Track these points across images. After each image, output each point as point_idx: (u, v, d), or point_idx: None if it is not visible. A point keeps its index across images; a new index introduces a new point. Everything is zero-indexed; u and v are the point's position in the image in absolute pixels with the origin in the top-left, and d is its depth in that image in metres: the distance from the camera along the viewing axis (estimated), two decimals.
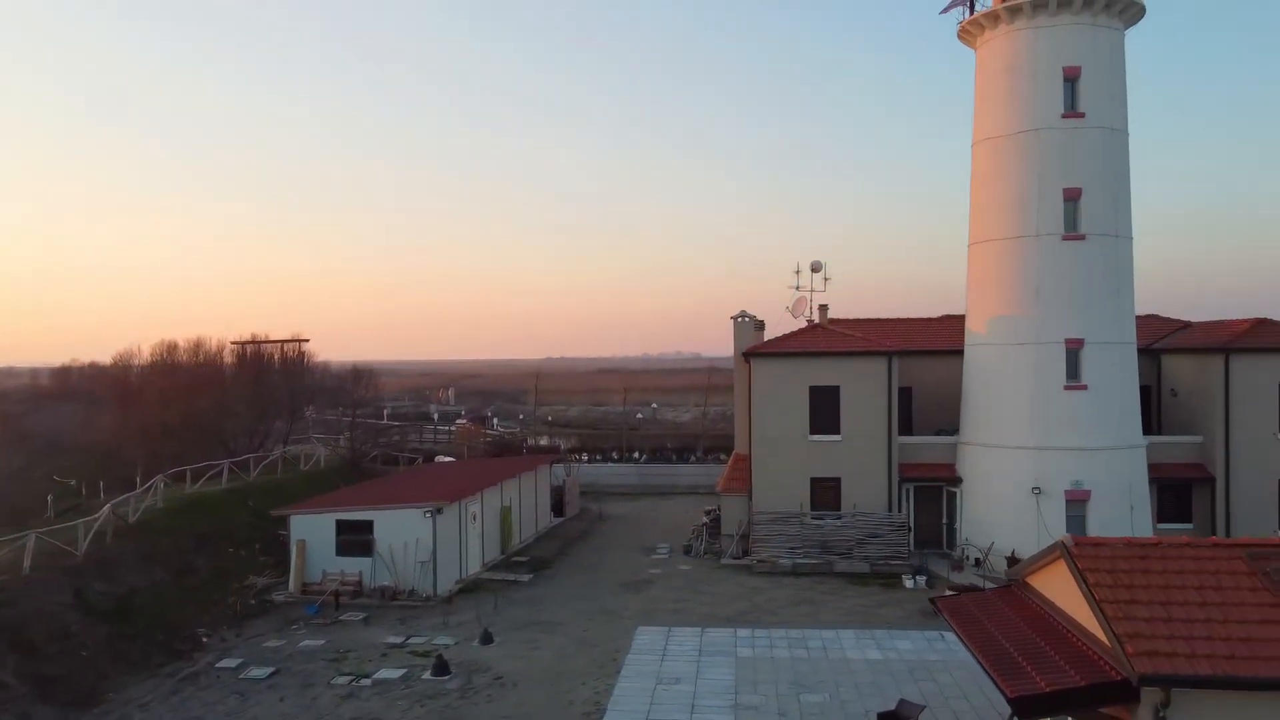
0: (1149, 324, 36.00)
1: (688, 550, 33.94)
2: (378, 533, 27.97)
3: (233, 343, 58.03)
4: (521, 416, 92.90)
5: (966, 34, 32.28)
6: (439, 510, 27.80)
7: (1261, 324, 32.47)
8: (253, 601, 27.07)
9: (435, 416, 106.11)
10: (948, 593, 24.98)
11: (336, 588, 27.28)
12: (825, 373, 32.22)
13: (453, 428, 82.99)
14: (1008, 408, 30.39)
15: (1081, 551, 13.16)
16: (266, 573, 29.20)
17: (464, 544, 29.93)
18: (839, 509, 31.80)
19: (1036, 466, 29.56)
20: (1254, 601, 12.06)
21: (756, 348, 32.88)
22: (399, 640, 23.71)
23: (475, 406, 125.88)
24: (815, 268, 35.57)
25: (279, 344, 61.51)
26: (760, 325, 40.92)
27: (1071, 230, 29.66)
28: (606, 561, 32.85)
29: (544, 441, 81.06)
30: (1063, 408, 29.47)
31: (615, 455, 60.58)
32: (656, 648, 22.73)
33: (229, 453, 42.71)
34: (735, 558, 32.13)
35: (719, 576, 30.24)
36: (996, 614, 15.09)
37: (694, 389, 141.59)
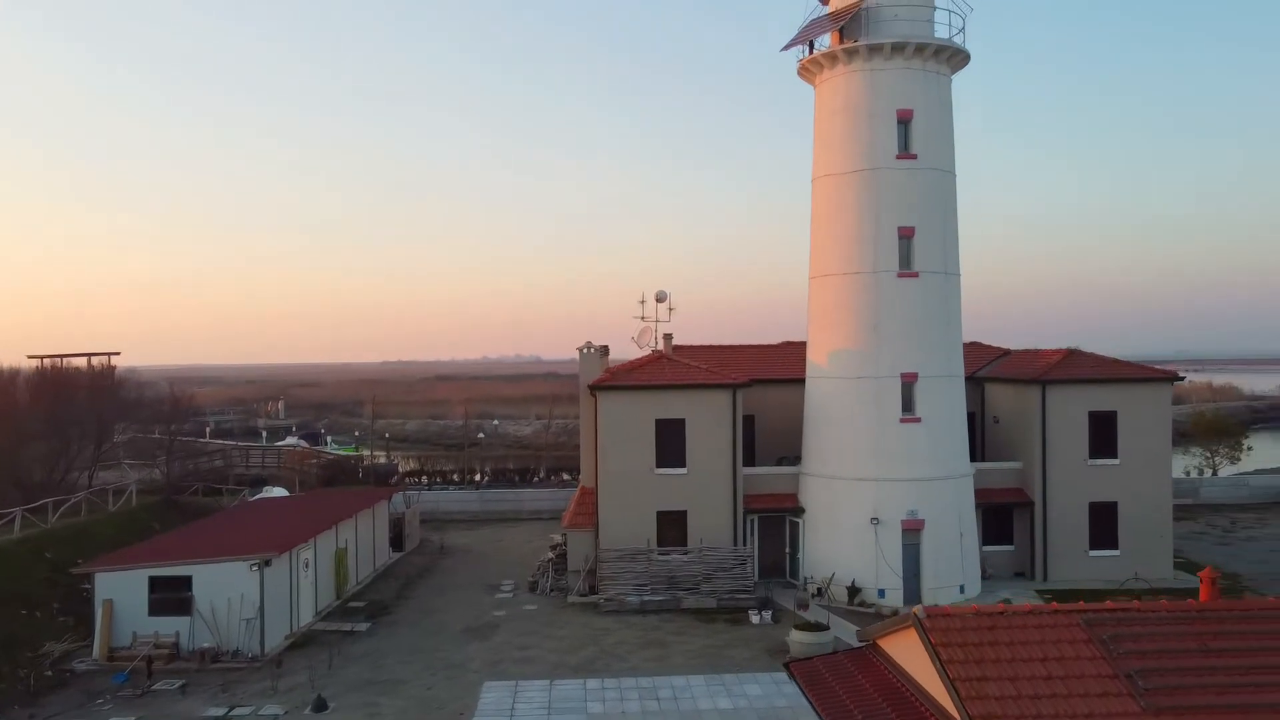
0: (972, 351, 37.71)
1: (533, 587, 33.10)
2: (197, 589, 25.75)
3: (30, 356, 52.97)
4: (358, 434, 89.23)
5: (806, 71, 32.95)
6: (267, 562, 25.88)
7: (1072, 354, 34.63)
8: (49, 673, 24.36)
9: (264, 434, 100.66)
10: (793, 635, 25.30)
11: (149, 652, 24.90)
12: (671, 405, 32.11)
13: (283, 444, 78.79)
14: (847, 440, 31.14)
15: (934, 624, 13.25)
16: (67, 637, 26.37)
17: (295, 595, 28.02)
18: (685, 542, 31.73)
19: (875, 497, 30.40)
20: (1094, 673, 12.40)
21: (602, 380, 32.42)
22: (220, 713, 21.81)
23: (308, 420, 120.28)
24: (660, 298, 35.49)
25: (85, 357, 56.65)
26: (605, 352, 40.58)
27: (906, 268, 30.70)
28: (449, 603, 31.58)
29: (382, 459, 78.25)
30: (899, 440, 30.44)
31: (456, 478, 58.98)
32: (504, 707, 21.83)
33: (23, 491, 38.68)
34: (582, 594, 31.54)
35: (566, 617, 29.57)
36: (849, 680, 15.10)
37: (536, 399, 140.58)
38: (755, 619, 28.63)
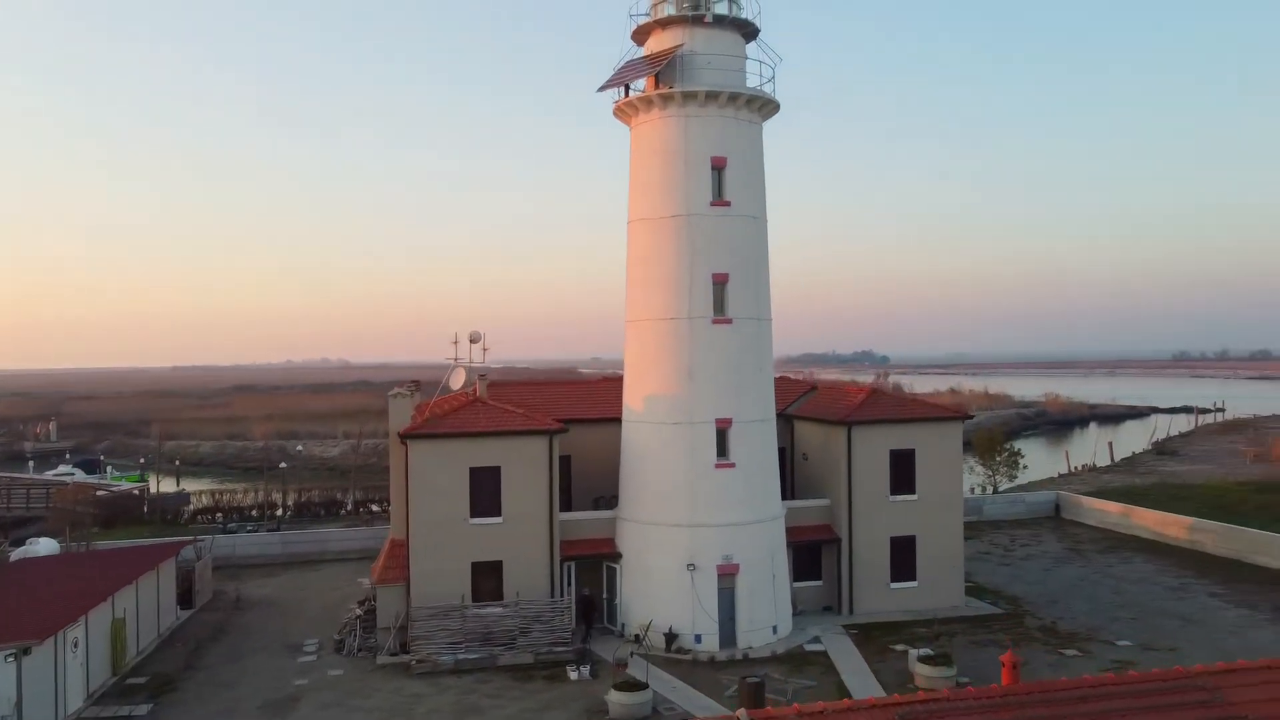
0: (781, 386, 38.75)
1: (340, 647, 31.23)
2: None
3: None
4: (143, 460, 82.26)
5: (622, 112, 32.81)
6: (26, 651, 22.99)
7: (873, 394, 36.27)
8: None
9: (31, 462, 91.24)
10: (612, 695, 24.90)
11: None
12: (486, 453, 31.12)
13: (54, 475, 71.51)
14: (663, 485, 31.16)
15: None
16: None
17: (61, 681, 25.07)
18: (502, 594, 30.81)
19: (690, 543, 30.56)
20: None
21: (413, 429, 31.00)
22: None
23: (85, 443, 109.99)
24: (474, 338, 34.35)
25: None
26: (416, 388, 39.03)
27: (720, 314, 31.07)
28: (245, 671, 29.25)
29: (170, 488, 72.48)
30: (714, 485, 30.74)
31: (255, 513, 55.23)
32: None
33: None
34: (393, 653, 30.01)
35: (375, 682, 27.99)
36: None
37: (344, 414, 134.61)
38: (574, 675, 28.08)
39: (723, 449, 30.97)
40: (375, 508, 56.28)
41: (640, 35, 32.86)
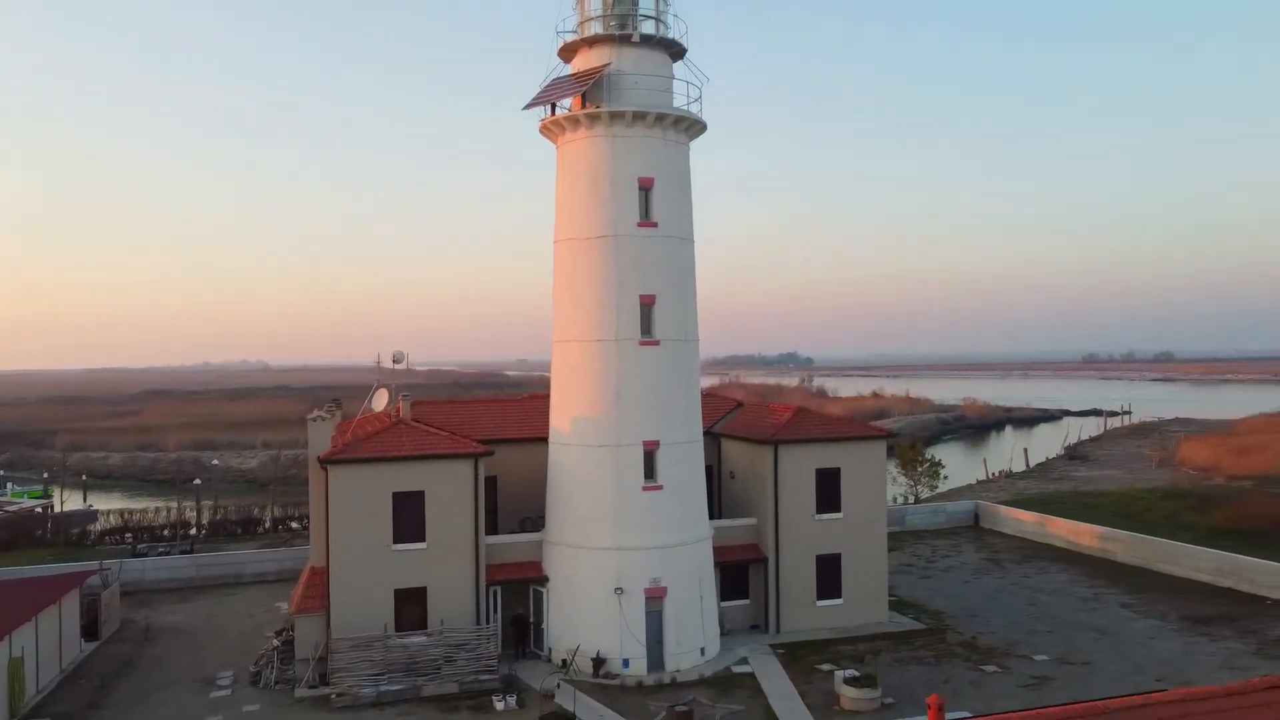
0: (708, 403, 38.78)
1: (256, 679, 30.17)
2: None
3: None
4: (46, 475, 78.65)
5: (548, 130, 32.45)
6: None
7: (799, 413, 36.49)
8: None
9: None
10: None
11: None
12: (409, 477, 30.43)
13: None
14: (590, 509, 30.87)
15: None
16: None
17: None
18: (426, 621, 30.15)
19: (618, 566, 30.33)
20: None
21: (334, 454, 30.13)
22: None
23: None
24: (397, 359, 33.62)
25: None
26: (336, 408, 38.12)
27: (647, 335, 30.91)
28: (153, 709, 28.01)
29: (77, 505, 69.47)
30: (641, 508, 30.56)
31: (167, 533, 53.21)
32: None
33: None
34: (312, 686, 29.09)
35: (294, 717, 27.09)
36: None
37: (263, 423, 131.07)
38: (500, 705, 27.59)
39: (650, 471, 30.81)
40: (295, 524, 54.75)
41: (567, 53, 32.55)
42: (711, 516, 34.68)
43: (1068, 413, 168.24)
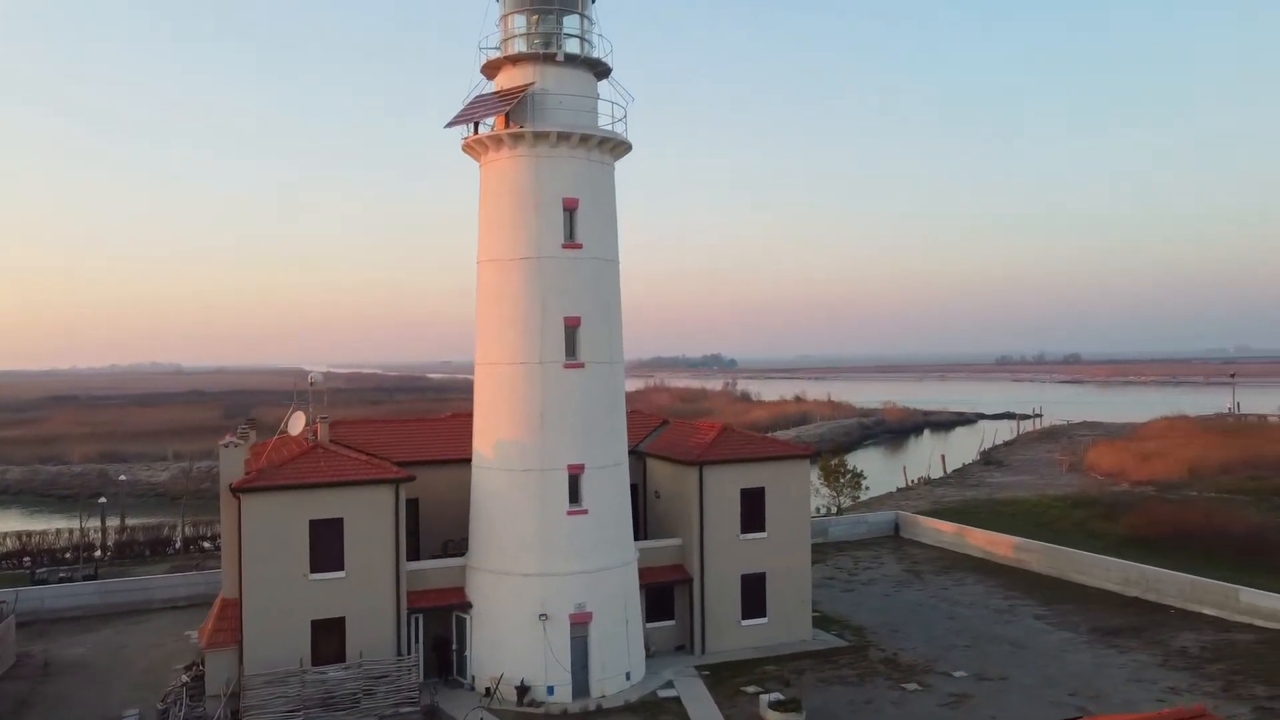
0: (632, 420, 38.62)
1: (164, 717, 28.92)
2: None
3: None
4: None
5: (471, 149, 31.92)
6: None
7: (724, 432, 36.56)
8: None
9: None
10: None
11: None
12: (327, 504, 29.55)
13: None
14: (514, 534, 30.42)
15: None
16: None
17: None
18: (344, 653, 29.30)
19: (543, 592, 29.95)
20: None
21: (247, 481, 29.09)
22: None
23: None
24: (314, 381, 32.67)
25: None
26: (250, 429, 37.03)
27: (572, 358, 30.61)
28: None
29: None
30: (566, 533, 30.24)
31: (69, 556, 50.87)
32: None
33: None
34: None
35: None
36: None
37: (174, 431, 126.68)
38: None
39: (575, 495, 30.51)
40: (208, 544, 52.90)
41: (490, 69, 32.06)
42: (637, 536, 34.59)
43: (983, 416, 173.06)
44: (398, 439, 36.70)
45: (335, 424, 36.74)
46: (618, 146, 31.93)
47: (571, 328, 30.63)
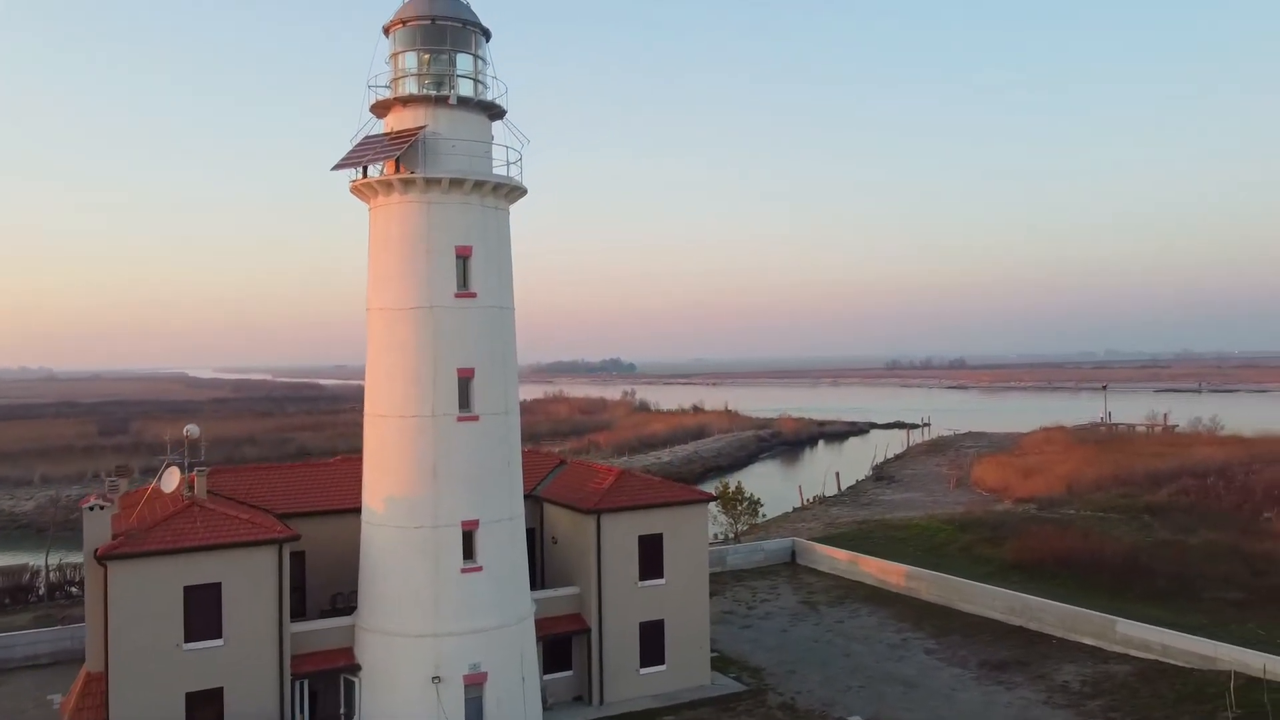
0: (529, 460, 37.74)
1: None
2: None
3: None
4: None
5: (359, 191, 30.73)
6: None
7: (622, 477, 36.18)
8: None
9: None
10: None
11: None
12: (204, 568, 27.96)
13: None
14: (406, 593, 29.36)
15: None
16: None
17: None
18: None
19: (435, 654, 28.96)
20: None
21: (115, 548, 27.24)
22: None
23: None
24: (190, 434, 30.90)
25: None
26: (123, 479, 34.95)
27: (466, 410, 29.73)
28: None
29: None
30: (460, 591, 29.33)
31: None
32: None
33: None
34: None
35: None
36: None
37: (43, 453, 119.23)
38: None
39: (469, 551, 29.64)
40: (75, 589, 49.70)
41: (380, 109, 30.97)
42: (534, 584, 33.92)
43: (874, 425, 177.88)
44: (282, 488, 35.08)
45: (215, 472, 34.85)
46: (512, 191, 31.22)
47: (465, 379, 29.76)
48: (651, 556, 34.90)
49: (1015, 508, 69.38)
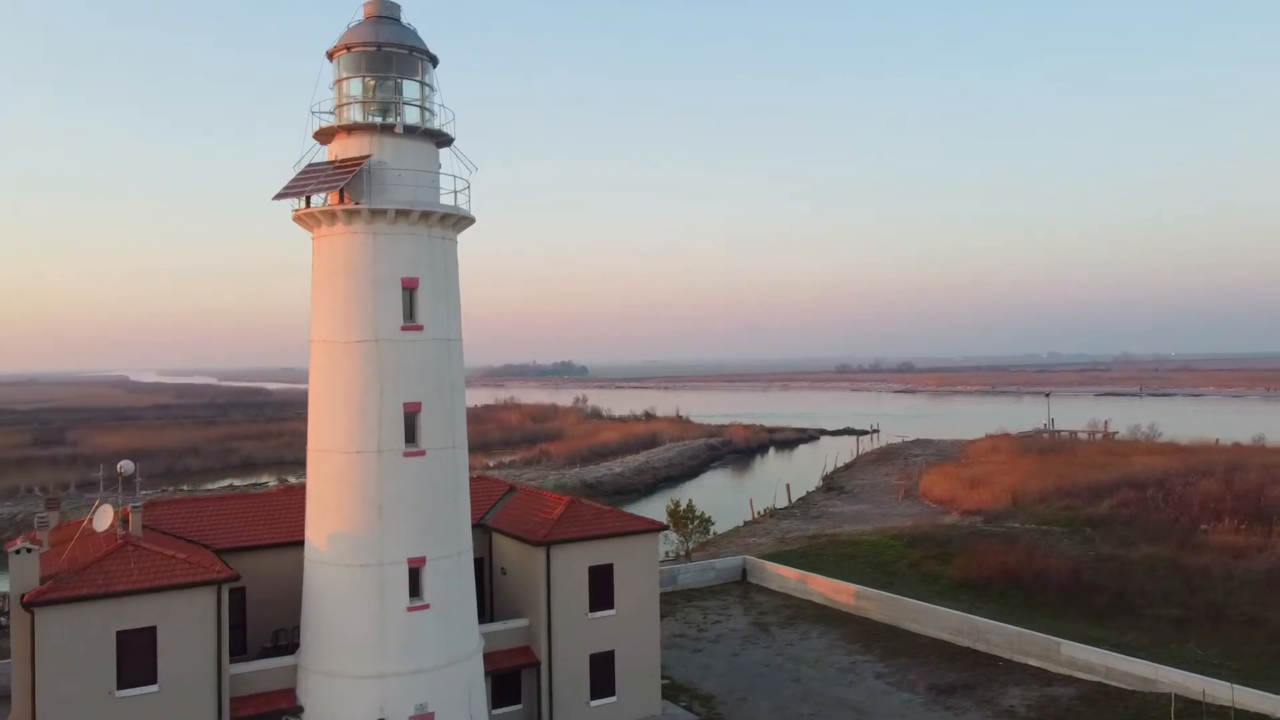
0: (477, 488, 37.26)
1: None
2: None
3: None
4: None
5: (302, 221, 29.99)
6: None
7: (572, 507, 35.76)
8: None
9: None
10: None
11: None
12: (138, 613, 26.96)
13: None
14: (350, 632, 28.67)
15: None
16: None
17: None
18: None
19: (380, 694, 28.32)
20: None
21: (43, 592, 26.19)
22: None
23: None
24: (124, 470, 29.89)
25: None
26: (52, 507, 33.77)
27: (412, 445, 29.15)
28: None
29: None
30: (406, 630, 28.72)
31: None
32: None
33: None
34: None
35: None
36: None
37: None
38: None
39: (416, 589, 29.06)
40: (4, 619, 47.80)
41: (324, 135, 30.26)
42: (483, 615, 33.43)
43: (824, 432, 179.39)
44: (221, 521, 34.10)
45: (151, 505, 33.85)
46: (460, 221, 30.71)
47: (411, 413, 29.18)
48: (602, 587, 34.56)
49: (962, 521, 70.29)
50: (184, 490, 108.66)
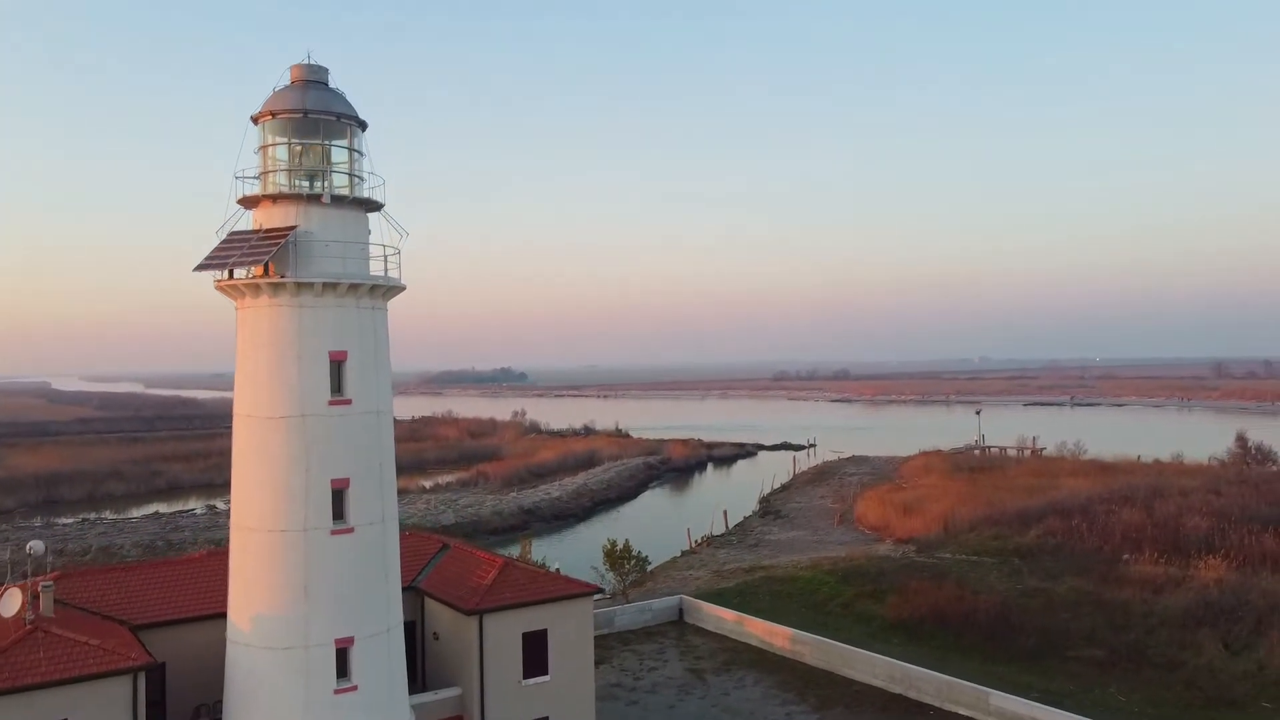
0: (408, 545, 36.57)
1: None
2: None
3: None
4: None
5: (225, 291, 29.15)
6: None
7: (505, 570, 35.35)
8: None
9: None
10: None
11: None
12: (47, 708, 25.82)
13: None
14: (275, 717, 27.88)
15: None
16: None
17: None
18: None
19: None
20: None
21: None
22: None
23: None
24: (34, 552, 28.71)
25: None
26: None
27: (340, 523, 28.46)
28: None
29: None
30: (332, 713, 27.94)
31: None
32: None
33: None
34: None
35: None
36: None
37: None
38: None
39: (344, 670, 28.33)
40: None
41: (248, 202, 29.44)
42: (414, 682, 32.82)
43: (762, 446, 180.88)
44: (140, 593, 32.97)
45: (64, 577, 32.60)
46: (390, 290, 30.15)
47: (339, 490, 28.50)
48: (536, 653, 34.21)
49: (895, 551, 71.26)
50: (106, 518, 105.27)
